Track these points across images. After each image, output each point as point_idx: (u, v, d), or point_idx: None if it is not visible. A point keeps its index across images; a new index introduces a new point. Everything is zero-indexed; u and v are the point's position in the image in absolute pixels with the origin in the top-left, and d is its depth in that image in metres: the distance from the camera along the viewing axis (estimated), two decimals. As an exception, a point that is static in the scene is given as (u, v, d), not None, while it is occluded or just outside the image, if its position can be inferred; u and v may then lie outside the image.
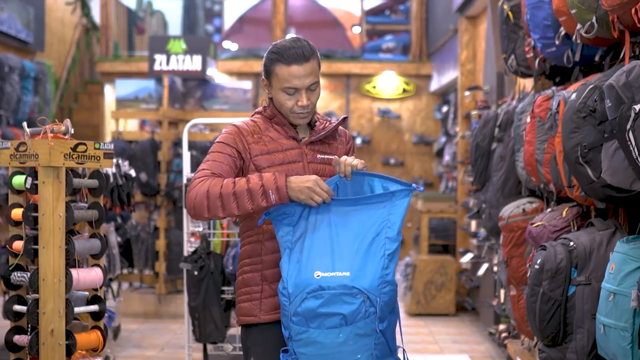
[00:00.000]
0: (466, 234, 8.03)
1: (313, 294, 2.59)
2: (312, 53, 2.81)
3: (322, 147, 2.92)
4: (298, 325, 2.61)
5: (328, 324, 2.59)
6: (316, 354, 2.62)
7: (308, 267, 2.63)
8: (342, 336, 2.59)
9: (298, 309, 2.60)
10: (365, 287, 2.59)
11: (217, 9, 18.64)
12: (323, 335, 2.59)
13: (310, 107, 2.83)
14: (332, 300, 2.58)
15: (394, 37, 13.96)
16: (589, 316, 3.38)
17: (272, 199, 2.66)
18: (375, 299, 2.59)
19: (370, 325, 2.60)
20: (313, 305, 2.59)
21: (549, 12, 4.11)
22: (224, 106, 8.61)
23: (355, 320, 2.59)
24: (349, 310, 2.58)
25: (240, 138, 2.85)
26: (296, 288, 2.62)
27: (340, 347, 2.60)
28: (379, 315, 2.60)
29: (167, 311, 7.96)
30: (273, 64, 2.81)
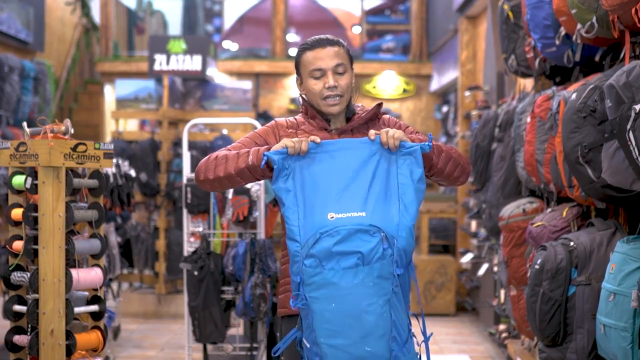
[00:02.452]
0: (466, 234, 8.03)
1: (327, 233, 2.50)
2: (337, 41, 2.86)
3: (357, 136, 2.86)
4: (311, 267, 2.49)
5: (344, 264, 2.48)
6: (330, 296, 2.48)
7: (320, 209, 2.54)
8: (359, 277, 2.47)
9: (311, 251, 2.49)
10: (383, 226, 2.51)
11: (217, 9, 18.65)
12: (338, 276, 2.47)
13: (340, 90, 2.82)
14: (348, 238, 2.48)
15: (394, 37, 13.97)
16: (589, 316, 3.38)
17: (250, 160, 2.68)
18: (393, 240, 2.51)
19: (388, 267, 2.49)
20: (328, 244, 2.48)
21: (549, 12, 4.11)
22: (224, 106, 8.61)
23: (373, 260, 2.48)
24: (367, 249, 2.48)
25: (274, 132, 2.88)
26: (308, 231, 2.52)
27: (356, 288, 2.48)
28: (396, 259, 2.51)
29: (167, 311, 7.96)
30: (300, 55, 2.87)
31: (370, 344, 2.50)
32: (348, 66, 2.86)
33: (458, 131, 9.10)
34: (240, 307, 4.84)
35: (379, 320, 2.50)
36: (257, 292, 4.78)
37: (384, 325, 2.51)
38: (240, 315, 4.89)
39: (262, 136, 2.89)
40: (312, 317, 2.52)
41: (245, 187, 5.02)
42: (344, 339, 2.50)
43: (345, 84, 2.84)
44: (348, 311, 2.49)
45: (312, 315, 2.52)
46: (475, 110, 7.52)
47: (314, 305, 2.51)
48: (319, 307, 2.50)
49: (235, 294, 4.97)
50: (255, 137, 2.89)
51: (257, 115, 11.31)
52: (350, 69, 2.88)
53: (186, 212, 5.14)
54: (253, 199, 5.05)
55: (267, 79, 12.59)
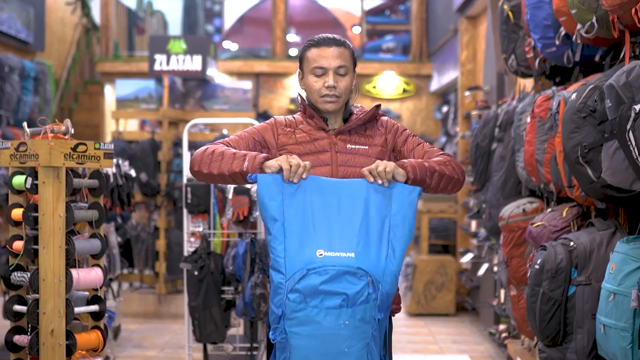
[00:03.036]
0: (466, 234, 8.03)
1: (315, 270, 2.49)
2: (343, 42, 2.88)
3: (354, 137, 2.88)
4: (295, 302, 2.49)
5: (328, 304, 2.48)
6: (311, 334, 2.50)
7: (308, 244, 2.54)
8: (342, 318, 2.48)
9: (297, 286, 2.49)
10: (371, 270, 2.52)
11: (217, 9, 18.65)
12: (322, 315, 2.48)
13: (338, 91, 2.84)
14: (336, 278, 2.49)
15: (394, 37, 13.96)
16: (589, 316, 3.38)
17: (245, 166, 2.68)
18: (378, 284, 2.52)
19: (370, 311, 2.51)
20: (315, 282, 2.48)
21: (549, 12, 4.11)
22: (224, 106, 8.61)
23: (357, 303, 2.49)
24: (353, 291, 2.48)
25: (272, 129, 2.90)
26: (295, 264, 2.51)
27: (338, 329, 2.49)
28: (379, 303, 2.52)
29: (167, 311, 7.96)
30: (304, 51, 2.89)
31: None
32: (350, 68, 2.87)
33: (458, 131, 9.10)
34: (240, 307, 4.85)
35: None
36: (257, 292, 4.78)
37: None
38: (240, 315, 4.89)
39: (261, 132, 2.90)
40: (290, 351, 2.53)
41: (245, 187, 5.03)
42: None
43: (344, 85, 2.85)
44: (327, 350, 2.51)
45: (290, 350, 2.53)
46: (475, 110, 7.52)
47: (293, 341, 2.52)
48: (299, 343, 2.52)
49: (236, 294, 4.98)
50: (254, 133, 2.90)
51: (257, 115, 11.31)
52: (352, 71, 2.89)
53: (186, 212, 5.14)
54: (253, 199, 5.05)
55: (267, 79, 12.59)
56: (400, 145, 2.93)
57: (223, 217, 5.09)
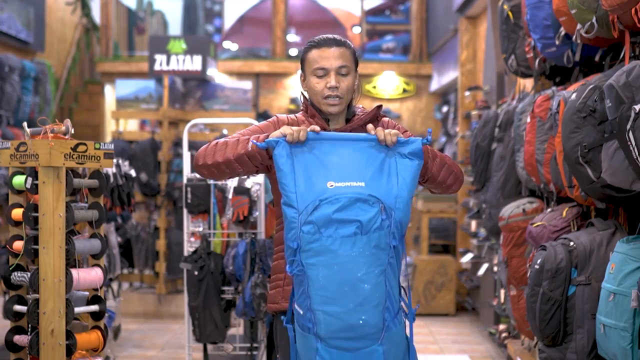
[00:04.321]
0: (466, 234, 8.03)
1: (327, 200, 2.51)
2: (344, 42, 2.88)
3: None
4: (309, 234, 2.49)
5: (342, 232, 2.48)
6: (328, 263, 2.49)
7: (319, 178, 2.56)
8: (357, 246, 2.48)
9: (310, 217, 2.50)
10: (382, 197, 2.53)
11: (217, 9, 18.66)
12: (337, 243, 2.48)
13: (341, 92, 2.84)
14: (348, 206, 2.50)
15: (394, 37, 13.97)
16: (589, 316, 3.38)
17: (249, 146, 2.70)
18: (391, 211, 2.53)
19: (385, 238, 2.51)
20: (327, 211, 2.49)
21: (549, 12, 4.11)
22: (224, 106, 8.61)
23: (371, 229, 2.49)
24: (366, 218, 2.49)
25: (275, 127, 2.90)
26: (307, 197, 2.53)
27: (353, 257, 2.49)
28: (393, 230, 2.53)
29: (167, 311, 7.96)
30: (306, 52, 2.89)
31: (365, 313, 2.50)
32: (352, 68, 2.87)
33: (458, 131, 9.10)
34: (240, 307, 4.85)
35: (375, 290, 2.51)
36: (257, 292, 4.78)
37: (379, 294, 2.52)
38: (240, 315, 4.89)
39: (263, 130, 2.91)
40: (308, 283, 2.52)
41: (245, 187, 5.03)
42: (339, 306, 2.50)
43: (346, 86, 2.86)
44: (344, 279, 2.50)
45: (308, 281, 2.52)
46: (475, 110, 7.52)
47: (310, 272, 2.51)
48: (316, 273, 2.51)
49: (236, 294, 4.98)
50: (256, 131, 2.91)
51: (257, 115, 11.31)
52: (354, 71, 2.89)
53: (186, 212, 5.14)
54: (253, 199, 5.05)
55: (267, 79, 12.59)
56: None
57: (223, 217, 5.09)
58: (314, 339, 2.54)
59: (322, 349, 2.53)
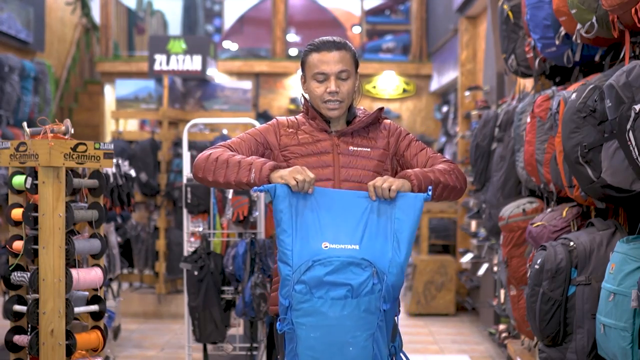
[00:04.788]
0: (466, 234, 8.03)
1: (320, 262, 2.53)
2: (344, 45, 2.87)
3: (356, 139, 2.89)
4: (300, 293, 2.53)
5: (333, 295, 2.52)
6: (317, 325, 2.53)
7: (314, 237, 2.58)
8: (347, 309, 2.52)
9: (302, 277, 2.53)
10: (375, 261, 2.55)
11: (217, 9, 18.66)
12: (327, 305, 2.51)
13: (341, 96, 2.84)
14: (340, 269, 2.52)
15: (394, 37, 13.97)
16: (589, 316, 3.38)
17: (252, 177, 2.69)
18: (383, 275, 2.55)
19: (375, 302, 2.54)
20: (320, 273, 2.52)
21: (549, 12, 4.11)
22: (224, 106, 8.61)
23: (361, 294, 2.52)
24: (357, 282, 2.52)
25: (274, 130, 2.90)
26: (302, 256, 2.55)
27: (342, 320, 2.52)
28: (384, 294, 2.55)
29: (167, 311, 7.96)
30: (306, 55, 2.88)
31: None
32: (352, 72, 2.87)
33: (458, 131, 9.10)
34: (240, 307, 4.85)
35: (361, 353, 2.56)
36: (257, 292, 4.78)
37: (366, 358, 2.56)
38: (240, 315, 4.89)
39: (263, 134, 2.90)
40: (297, 342, 2.57)
41: (245, 187, 5.03)
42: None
43: (346, 90, 2.85)
44: (332, 341, 2.54)
45: (297, 340, 2.56)
46: (475, 110, 7.52)
47: (299, 331, 2.56)
48: (305, 333, 2.55)
49: (235, 294, 4.98)
50: (256, 135, 2.90)
51: (257, 115, 11.31)
52: (355, 73, 2.89)
53: (186, 212, 5.14)
54: (253, 199, 5.05)
55: (267, 79, 12.59)
56: (403, 149, 2.94)
57: (223, 217, 5.09)
58: None
59: None
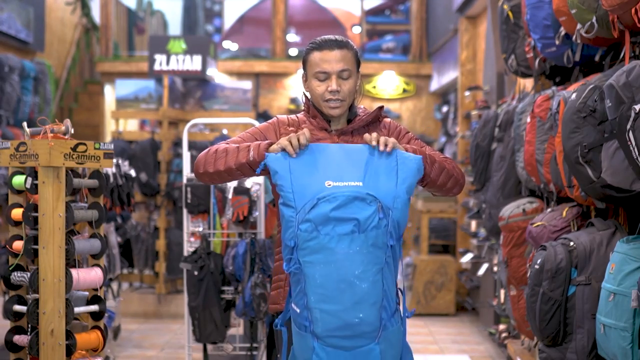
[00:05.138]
0: (466, 234, 8.03)
1: (325, 198, 2.51)
2: (346, 44, 2.87)
3: (356, 138, 2.90)
4: (306, 232, 2.50)
5: (340, 230, 2.49)
6: (325, 261, 2.50)
7: (317, 177, 2.57)
8: (354, 244, 2.49)
9: (308, 216, 2.50)
10: (380, 196, 2.54)
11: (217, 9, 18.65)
12: (334, 241, 2.49)
13: (342, 95, 2.84)
14: (346, 204, 2.50)
15: (394, 37, 13.96)
16: (589, 316, 3.38)
17: (251, 155, 2.70)
18: (389, 210, 2.53)
19: (382, 237, 2.52)
20: (325, 209, 2.50)
21: (549, 12, 4.11)
22: (224, 106, 8.61)
23: (368, 228, 2.50)
24: (364, 216, 2.50)
25: (275, 129, 2.91)
26: (305, 196, 2.53)
27: (351, 255, 2.49)
28: (390, 230, 2.53)
29: (167, 311, 7.96)
30: (308, 53, 2.88)
31: (362, 311, 2.51)
32: (353, 71, 2.87)
33: (458, 131, 9.10)
34: (240, 307, 4.85)
35: (372, 288, 2.52)
36: (257, 292, 4.78)
37: (376, 293, 2.52)
38: (240, 315, 4.89)
39: (263, 132, 2.91)
40: (305, 281, 2.53)
41: (245, 187, 5.03)
42: (336, 304, 2.50)
43: (348, 89, 2.85)
44: (342, 277, 2.50)
45: (305, 279, 2.53)
46: (475, 110, 7.52)
47: (307, 270, 2.52)
48: (313, 271, 2.51)
49: (235, 294, 4.98)
50: (256, 134, 2.90)
51: (257, 115, 11.31)
52: (356, 72, 2.89)
53: (186, 212, 5.14)
54: (253, 199, 5.05)
55: (267, 79, 12.59)
56: None
57: (223, 217, 5.09)
58: (311, 338, 2.54)
59: (318, 348, 2.53)
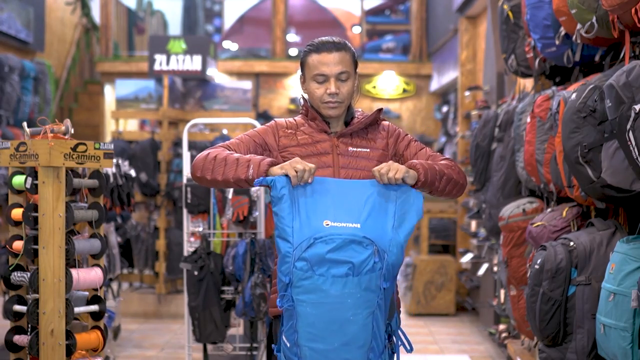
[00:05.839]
0: (466, 234, 8.03)
1: (322, 239, 2.53)
2: (344, 45, 2.87)
3: (355, 140, 2.91)
4: (302, 270, 2.53)
5: (334, 272, 2.52)
6: (318, 302, 2.53)
7: (315, 215, 2.58)
8: (347, 287, 2.52)
9: (304, 254, 2.53)
10: (376, 239, 2.56)
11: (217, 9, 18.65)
12: (328, 283, 2.51)
13: (340, 97, 2.85)
14: (342, 247, 2.53)
15: (394, 37, 13.96)
16: (589, 316, 3.38)
17: (250, 173, 2.69)
18: (384, 254, 2.56)
19: (375, 280, 2.54)
20: (321, 250, 2.52)
21: (549, 12, 4.11)
22: (224, 106, 8.61)
23: (362, 272, 2.52)
24: (359, 260, 2.52)
25: (273, 131, 2.91)
26: (303, 234, 2.55)
27: (343, 297, 2.52)
28: (384, 273, 2.55)
29: (167, 311, 7.96)
30: (306, 55, 2.89)
31: (350, 353, 2.55)
32: (351, 72, 2.88)
33: (458, 131, 9.10)
34: (240, 307, 4.85)
35: (361, 331, 2.56)
36: (257, 292, 4.78)
37: (365, 335, 2.57)
38: (240, 315, 4.89)
39: (262, 135, 2.91)
40: (297, 319, 2.57)
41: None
42: (325, 344, 2.55)
43: (346, 91, 2.86)
44: (333, 318, 2.54)
45: (297, 317, 2.56)
46: (475, 110, 7.52)
47: (299, 308, 2.56)
48: (305, 310, 2.55)
49: (235, 294, 4.98)
50: (254, 136, 2.90)
51: (257, 115, 11.31)
52: (354, 74, 2.89)
53: (186, 212, 5.14)
54: (253, 199, 5.05)
55: (267, 79, 12.59)
56: (403, 149, 2.95)
57: (223, 217, 5.09)
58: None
59: None
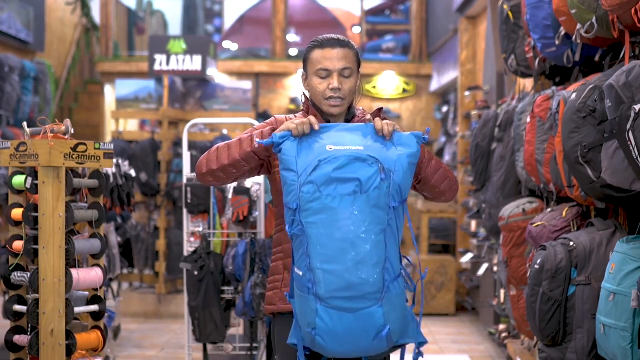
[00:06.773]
0: (466, 234, 8.03)
1: (327, 160, 2.54)
2: (348, 43, 2.88)
3: None
4: (309, 193, 2.52)
5: (342, 191, 2.51)
6: (327, 221, 2.50)
7: (319, 142, 2.59)
8: (356, 204, 2.50)
9: (310, 178, 2.52)
10: (381, 158, 2.55)
11: (217, 9, 18.66)
12: (337, 201, 2.50)
13: (343, 93, 2.85)
14: (347, 165, 2.52)
15: (394, 37, 13.96)
16: (589, 316, 3.38)
17: (256, 143, 2.72)
18: (390, 173, 2.54)
19: (384, 198, 2.52)
20: (327, 170, 2.52)
21: (549, 12, 4.11)
22: (224, 106, 8.61)
23: (370, 189, 2.51)
24: (365, 176, 2.51)
25: (272, 128, 2.90)
26: (307, 160, 2.55)
27: (353, 215, 2.50)
28: (392, 192, 2.53)
29: (167, 311, 7.96)
30: (309, 51, 2.89)
31: (364, 271, 2.50)
32: (354, 70, 2.88)
33: (458, 131, 9.11)
34: (240, 307, 4.85)
35: (374, 248, 2.52)
36: (257, 292, 4.78)
37: (379, 253, 2.52)
38: (240, 315, 4.89)
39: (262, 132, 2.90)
40: (308, 242, 2.53)
41: (245, 187, 5.03)
42: (338, 264, 2.50)
43: (348, 87, 2.86)
44: (344, 237, 2.51)
45: (308, 240, 2.53)
46: (475, 110, 7.52)
47: (310, 230, 2.53)
48: (316, 232, 2.52)
49: (235, 294, 4.98)
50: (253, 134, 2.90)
51: (257, 115, 11.31)
52: (357, 72, 2.90)
53: (186, 212, 5.14)
54: (253, 199, 5.05)
55: (267, 79, 12.59)
56: None
57: (223, 217, 5.09)
58: (314, 300, 2.52)
59: (321, 310, 2.52)
